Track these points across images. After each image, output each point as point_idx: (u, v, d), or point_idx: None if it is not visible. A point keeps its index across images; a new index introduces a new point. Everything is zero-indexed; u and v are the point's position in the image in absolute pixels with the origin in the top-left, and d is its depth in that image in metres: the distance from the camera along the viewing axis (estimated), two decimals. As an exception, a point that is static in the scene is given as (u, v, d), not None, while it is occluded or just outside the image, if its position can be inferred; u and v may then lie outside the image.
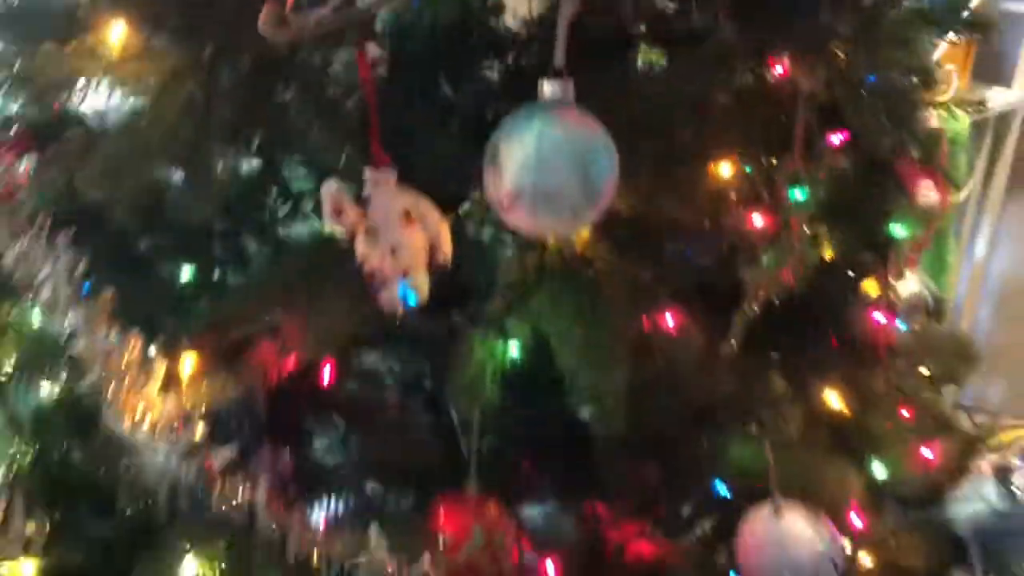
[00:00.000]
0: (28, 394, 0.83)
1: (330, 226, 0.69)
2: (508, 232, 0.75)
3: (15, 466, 0.84)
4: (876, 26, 0.91)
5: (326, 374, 0.75)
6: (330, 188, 0.69)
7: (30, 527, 0.85)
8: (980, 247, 2.40)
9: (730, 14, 0.84)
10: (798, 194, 0.83)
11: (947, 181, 2.22)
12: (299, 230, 0.78)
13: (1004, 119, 2.26)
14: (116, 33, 0.66)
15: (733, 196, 0.80)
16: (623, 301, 0.72)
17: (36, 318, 0.81)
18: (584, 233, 0.72)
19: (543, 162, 0.64)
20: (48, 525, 0.86)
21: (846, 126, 0.91)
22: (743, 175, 0.82)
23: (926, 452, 1.17)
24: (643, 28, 0.89)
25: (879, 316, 0.94)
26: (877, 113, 0.92)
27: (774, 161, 0.85)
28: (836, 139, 0.91)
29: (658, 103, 0.83)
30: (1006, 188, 2.35)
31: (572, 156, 0.65)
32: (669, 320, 0.77)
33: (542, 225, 0.67)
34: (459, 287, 0.79)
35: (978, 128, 2.23)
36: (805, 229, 0.86)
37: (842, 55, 0.87)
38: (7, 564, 0.85)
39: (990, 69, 2.24)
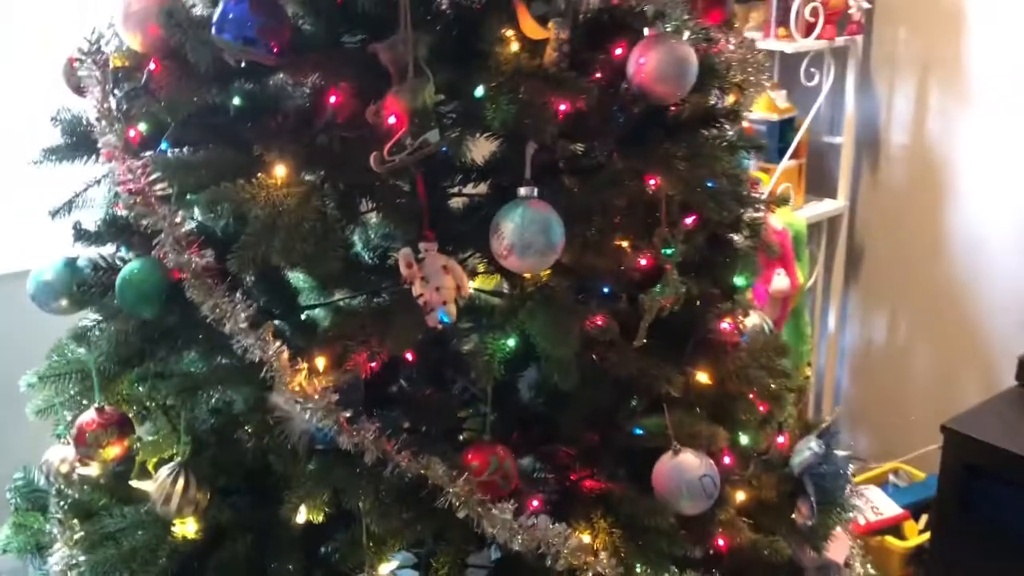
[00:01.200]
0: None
1: (403, 272, 1.20)
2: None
3: (186, 454, 1.29)
4: (706, 151, 1.48)
5: (405, 360, 1.25)
6: (403, 252, 1.20)
7: (200, 496, 1.29)
8: (831, 323, 3.00)
9: (618, 153, 1.39)
10: (668, 251, 1.39)
11: (793, 269, 2.90)
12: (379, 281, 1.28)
13: (834, 222, 2.89)
14: (280, 171, 1.18)
15: (629, 252, 1.35)
16: (572, 310, 1.25)
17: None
18: (547, 272, 1.26)
19: (525, 229, 1.18)
20: (209, 494, 1.29)
21: (694, 212, 1.47)
22: (634, 240, 1.37)
23: (779, 439, 1.71)
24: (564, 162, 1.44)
25: (727, 327, 1.49)
26: (713, 204, 1.49)
27: (652, 233, 1.40)
28: (689, 220, 1.46)
29: (579, 206, 1.38)
30: (844, 275, 2.98)
31: (540, 225, 1.18)
32: (599, 321, 1.30)
33: (525, 265, 1.20)
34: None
35: (816, 229, 2.87)
36: (675, 273, 1.40)
37: (686, 170, 1.43)
38: (179, 521, 1.29)
39: (819, 184, 2.91)
